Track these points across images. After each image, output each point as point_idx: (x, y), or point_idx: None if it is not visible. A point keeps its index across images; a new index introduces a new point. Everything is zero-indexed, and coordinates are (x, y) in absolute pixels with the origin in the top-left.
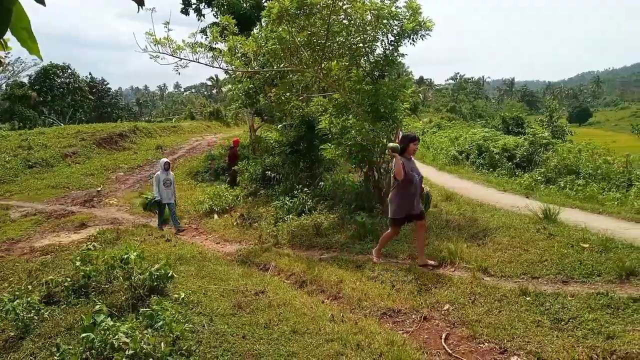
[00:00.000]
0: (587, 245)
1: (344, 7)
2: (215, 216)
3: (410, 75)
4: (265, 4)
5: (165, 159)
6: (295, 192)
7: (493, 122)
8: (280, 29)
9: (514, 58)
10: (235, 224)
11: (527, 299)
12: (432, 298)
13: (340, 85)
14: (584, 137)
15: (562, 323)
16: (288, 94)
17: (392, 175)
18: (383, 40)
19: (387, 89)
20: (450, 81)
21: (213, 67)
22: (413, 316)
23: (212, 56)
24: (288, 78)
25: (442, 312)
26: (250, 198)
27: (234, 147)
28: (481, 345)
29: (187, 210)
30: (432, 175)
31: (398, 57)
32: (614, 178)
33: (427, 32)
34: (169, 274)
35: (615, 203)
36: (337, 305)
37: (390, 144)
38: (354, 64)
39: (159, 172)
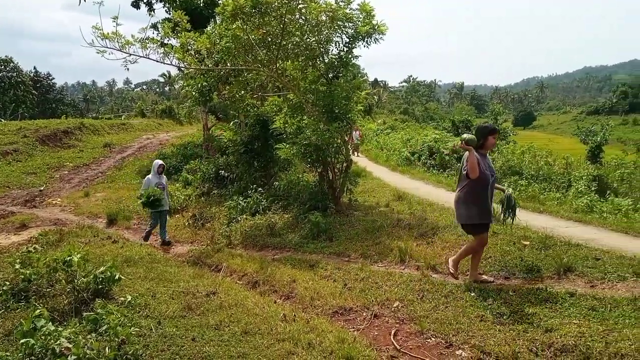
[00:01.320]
0: (528, 242)
1: (300, 7)
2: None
3: (365, 77)
4: (220, 1)
5: (159, 161)
6: (249, 192)
7: (444, 124)
8: (235, 27)
9: (464, 63)
10: (186, 224)
11: (472, 294)
12: (382, 295)
13: (296, 85)
14: (528, 140)
15: (504, 317)
16: (242, 92)
17: (463, 172)
18: (338, 41)
19: (341, 90)
20: (404, 84)
21: (164, 63)
22: (364, 314)
23: (164, 52)
24: (243, 76)
25: (392, 309)
26: (202, 198)
27: None
28: (428, 341)
29: (136, 210)
30: (385, 175)
31: (352, 59)
32: (554, 179)
33: (381, 35)
34: (115, 277)
35: (555, 202)
36: (290, 304)
37: (465, 135)
38: (309, 65)
39: (149, 176)
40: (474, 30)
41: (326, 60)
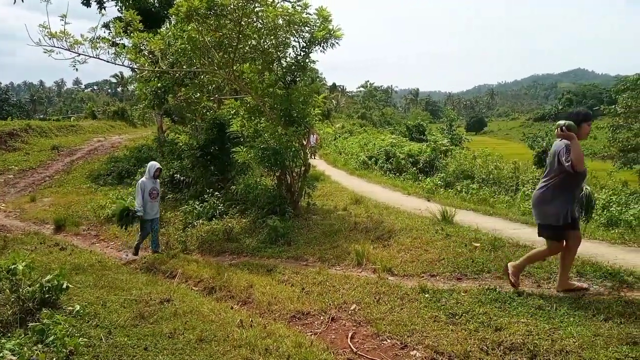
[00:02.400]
0: (479, 244)
1: (256, 10)
2: None
3: (324, 81)
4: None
5: (156, 164)
6: (206, 197)
7: (400, 129)
8: (190, 29)
9: (419, 70)
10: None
11: (426, 296)
12: (340, 299)
13: (253, 89)
14: (479, 145)
15: (456, 317)
16: (199, 94)
17: (566, 164)
18: (295, 45)
19: (299, 94)
20: (361, 88)
21: (115, 64)
22: (321, 317)
23: (115, 53)
24: (199, 78)
25: (349, 312)
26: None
27: None
28: (384, 342)
29: (85, 216)
30: (343, 179)
31: (310, 63)
32: (504, 182)
33: (337, 40)
34: (63, 285)
35: (505, 205)
36: (247, 310)
37: (562, 122)
38: (266, 68)
39: (144, 179)
40: (427, 38)
41: (283, 64)
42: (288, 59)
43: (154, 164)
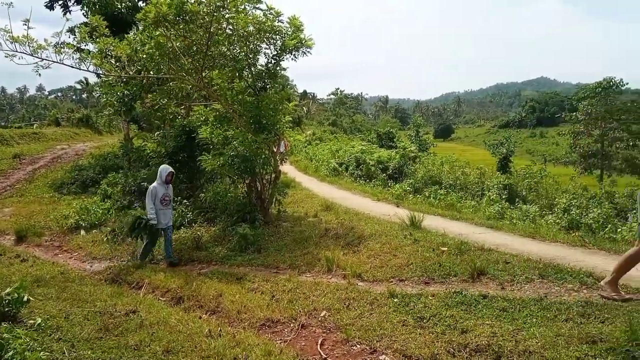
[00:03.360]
0: (446, 248)
1: (227, 16)
2: (82, 232)
3: (295, 89)
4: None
5: (168, 167)
6: (174, 205)
7: (370, 136)
8: (158, 34)
9: (388, 77)
10: (105, 240)
11: (395, 300)
12: (310, 306)
13: (222, 95)
14: (447, 151)
15: (424, 321)
16: (166, 100)
17: None
18: (266, 52)
19: (269, 101)
20: (332, 96)
21: (80, 69)
22: (291, 325)
23: (80, 58)
24: (167, 85)
25: (319, 319)
26: (123, 212)
27: None
28: (354, 348)
29: (48, 226)
30: (314, 186)
31: (280, 71)
32: (470, 188)
33: (308, 49)
34: (24, 298)
35: (471, 210)
36: (216, 319)
37: None
38: (236, 75)
39: (155, 184)
40: (397, 46)
41: (254, 71)
42: (259, 66)
43: (165, 168)
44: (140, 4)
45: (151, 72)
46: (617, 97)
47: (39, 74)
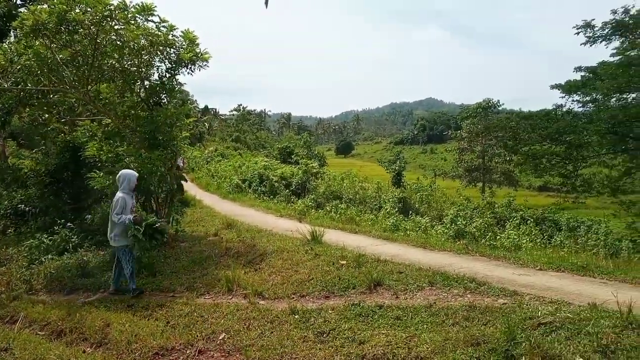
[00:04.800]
0: (345, 262)
1: (116, 27)
2: None
3: (195, 104)
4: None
5: (135, 172)
6: (57, 228)
7: (273, 152)
8: (37, 44)
9: (291, 94)
10: None
11: (296, 317)
12: (208, 329)
13: (112, 110)
14: (348, 167)
15: (324, 335)
16: (47, 115)
17: None
18: (160, 66)
19: (164, 116)
20: (235, 112)
21: None
22: (188, 351)
23: None
24: (48, 98)
25: (218, 342)
26: None
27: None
28: None
29: None
30: (216, 203)
31: (177, 85)
32: (369, 202)
33: (205, 63)
34: None
35: (369, 223)
36: (102, 352)
37: None
38: (127, 88)
39: (123, 196)
40: (299, 63)
41: (147, 85)
42: (152, 79)
43: (132, 173)
44: (16, 11)
45: (29, 85)
46: (494, 116)
47: None
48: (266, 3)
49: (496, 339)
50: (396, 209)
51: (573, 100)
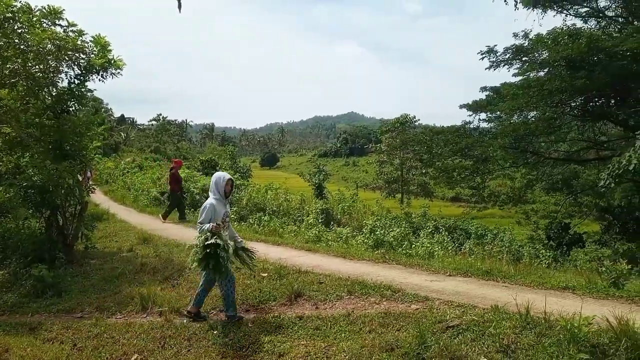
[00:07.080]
0: (266, 274)
1: (18, 30)
2: None
3: (110, 112)
4: None
5: (227, 175)
6: None
7: (194, 164)
8: None
9: (215, 104)
10: None
11: (215, 332)
12: (119, 351)
13: (13, 117)
14: (273, 179)
15: (244, 350)
16: None
17: None
18: (68, 72)
19: (73, 124)
20: (154, 122)
21: None
22: None
23: None
24: None
25: None
26: None
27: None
28: None
29: None
30: (131, 217)
31: (87, 92)
32: (292, 213)
33: (118, 70)
34: None
35: (292, 234)
36: None
37: None
38: (32, 95)
39: (212, 202)
40: (225, 74)
41: (53, 92)
42: (60, 86)
43: (223, 175)
44: None
45: None
46: (411, 131)
47: None
48: (179, 7)
49: (409, 343)
50: (320, 220)
51: (480, 119)
